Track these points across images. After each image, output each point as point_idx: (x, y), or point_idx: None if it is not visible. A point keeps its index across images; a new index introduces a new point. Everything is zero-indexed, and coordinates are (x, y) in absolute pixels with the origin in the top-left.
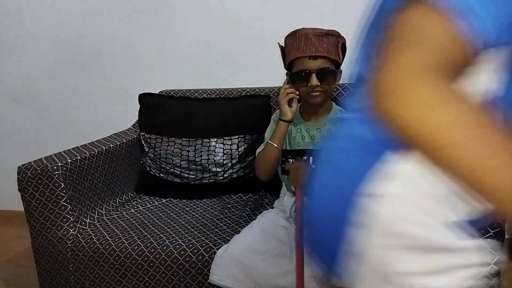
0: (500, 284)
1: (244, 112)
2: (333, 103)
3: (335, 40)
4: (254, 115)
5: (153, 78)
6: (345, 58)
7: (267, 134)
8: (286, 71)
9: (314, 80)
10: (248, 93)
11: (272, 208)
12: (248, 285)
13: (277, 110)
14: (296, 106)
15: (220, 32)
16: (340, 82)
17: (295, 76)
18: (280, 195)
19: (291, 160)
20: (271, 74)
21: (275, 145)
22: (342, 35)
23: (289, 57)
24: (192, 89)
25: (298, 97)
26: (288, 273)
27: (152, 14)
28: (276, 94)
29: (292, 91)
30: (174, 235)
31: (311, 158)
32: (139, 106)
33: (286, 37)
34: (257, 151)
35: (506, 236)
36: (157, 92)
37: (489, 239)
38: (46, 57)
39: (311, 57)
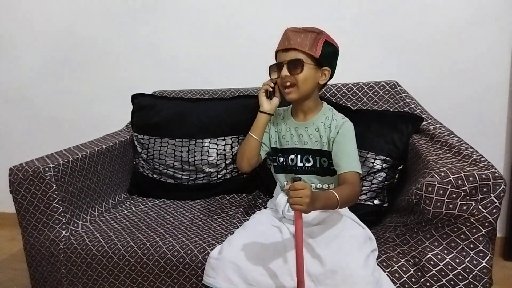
0: (491, 281)
1: (238, 112)
2: (325, 103)
3: (315, 36)
4: (247, 115)
5: (146, 79)
6: (337, 56)
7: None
8: (265, 87)
9: (284, 71)
10: (241, 94)
11: (265, 208)
12: (244, 286)
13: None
14: (277, 101)
15: (213, 32)
16: (334, 82)
17: (270, 69)
18: (274, 194)
19: (287, 181)
20: (264, 75)
21: (254, 136)
22: (325, 32)
23: (275, 53)
24: (185, 90)
25: (271, 89)
26: (282, 274)
27: (145, 15)
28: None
29: (267, 83)
30: (167, 236)
31: (298, 156)
32: (131, 106)
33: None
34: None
35: (498, 235)
36: (150, 93)
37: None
38: (38, 58)
39: (284, 50)
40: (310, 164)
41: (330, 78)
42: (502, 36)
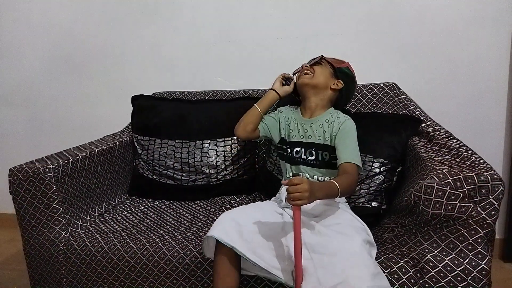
0: (489, 283)
1: (237, 114)
2: (332, 107)
3: (342, 61)
4: None
5: (146, 80)
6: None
7: (266, 116)
8: (283, 74)
9: (307, 63)
10: (241, 96)
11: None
12: (237, 240)
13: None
14: (289, 89)
15: (215, 34)
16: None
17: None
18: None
19: (291, 174)
20: (264, 77)
21: (258, 108)
22: (349, 65)
23: None
24: (185, 91)
25: (290, 75)
26: (283, 255)
27: (147, 16)
28: None
29: (287, 74)
30: (167, 237)
31: (303, 149)
32: (132, 108)
33: None
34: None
35: (497, 237)
36: (150, 94)
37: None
38: (38, 59)
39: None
40: (312, 158)
41: (345, 101)
42: (500, 38)
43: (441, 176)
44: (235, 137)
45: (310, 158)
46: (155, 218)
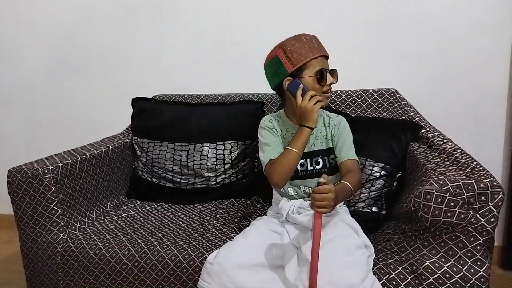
0: None
1: (238, 117)
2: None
3: None
4: (247, 121)
5: (147, 83)
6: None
7: (267, 140)
8: (288, 77)
9: (332, 78)
10: (241, 99)
11: (265, 215)
12: None
13: (265, 117)
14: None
15: (215, 37)
16: (334, 89)
17: (320, 76)
18: (273, 202)
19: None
20: (264, 80)
21: (299, 153)
22: None
23: (303, 59)
24: (186, 94)
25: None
26: (278, 281)
27: (147, 19)
28: (269, 100)
29: (321, 98)
30: (165, 240)
31: (308, 160)
32: (132, 110)
33: (289, 42)
34: (266, 158)
35: (496, 244)
36: (151, 97)
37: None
38: (39, 60)
39: (326, 57)
40: (320, 166)
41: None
42: (500, 45)
43: (441, 182)
44: (235, 141)
45: (317, 167)
46: (154, 221)
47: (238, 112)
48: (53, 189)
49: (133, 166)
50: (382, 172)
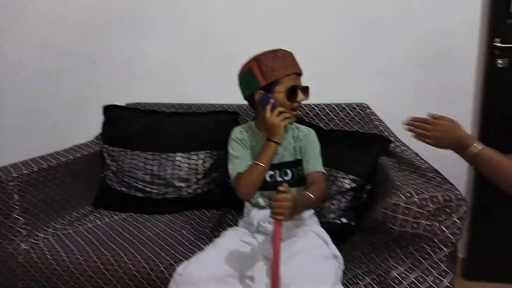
0: None
1: (212, 127)
2: None
3: None
4: (221, 131)
5: (120, 90)
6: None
7: (237, 153)
8: (260, 91)
9: (302, 95)
10: (216, 109)
11: (237, 225)
12: None
13: (235, 128)
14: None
15: (191, 47)
16: (308, 102)
17: (291, 93)
18: (244, 213)
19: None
20: (238, 92)
21: (266, 167)
22: None
23: (276, 74)
24: (160, 103)
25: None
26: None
27: (123, 27)
28: (244, 111)
29: (289, 115)
30: (132, 251)
31: (277, 172)
32: (103, 117)
33: (264, 56)
34: (234, 171)
35: (459, 255)
36: (123, 104)
37: None
38: (8, 65)
39: (299, 74)
40: (288, 178)
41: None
42: (465, 67)
43: (408, 195)
44: (208, 150)
45: (286, 178)
46: (121, 231)
47: (213, 122)
48: (17, 197)
49: (102, 175)
50: (353, 185)
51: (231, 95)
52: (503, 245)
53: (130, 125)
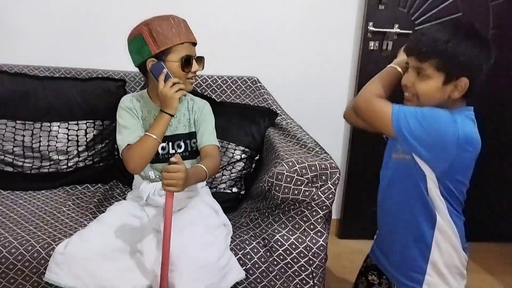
0: (326, 257)
1: (95, 95)
2: None
3: None
4: (107, 99)
5: None
6: None
7: (126, 122)
8: (152, 59)
9: (197, 66)
10: (100, 75)
11: (125, 199)
12: (91, 282)
13: (125, 96)
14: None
15: (70, 4)
16: (202, 73)
17: (185, 62)
18: (133, 186)
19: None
20: (128, 57)
21: (158, 139)
22: None
23: (169, 42)
24: (31, 65)
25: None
26: (135, 270)
27: None
28: (132, 79)
29: (183, 86)
30: (2, 231)
31: (170, 144)
32: None
33: (156, 21)
34: (123, 142)
35: (334, 217)
36: None
37: None
38: None
39: (194, 43)
40: (181, 150)
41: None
42: (344, 46)
43: (290, 164)
44: (91, 120)
45: (179, 150)
46: None
47: (96, 89)
48: None
49: None
50: (243, 155)
51: (118, 61)
52: (372, 208)
53: None
